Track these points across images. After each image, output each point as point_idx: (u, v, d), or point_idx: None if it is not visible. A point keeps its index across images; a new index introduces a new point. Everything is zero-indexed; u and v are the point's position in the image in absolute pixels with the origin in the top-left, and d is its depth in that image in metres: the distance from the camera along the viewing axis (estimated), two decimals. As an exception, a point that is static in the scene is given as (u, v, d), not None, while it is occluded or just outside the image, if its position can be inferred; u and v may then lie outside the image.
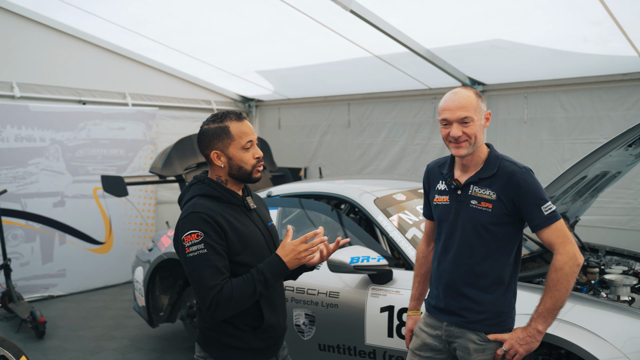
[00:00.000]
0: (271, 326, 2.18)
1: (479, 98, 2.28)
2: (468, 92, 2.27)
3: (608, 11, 4.25)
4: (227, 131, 2.11)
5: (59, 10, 6.32)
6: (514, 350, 2.22)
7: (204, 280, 1.97)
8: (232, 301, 1.97)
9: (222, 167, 2.13)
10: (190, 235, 2.00)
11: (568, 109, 5.91)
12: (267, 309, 2.16)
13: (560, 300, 2.17)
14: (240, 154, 2.11)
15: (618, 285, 3.42)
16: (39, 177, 6.43)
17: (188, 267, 2.01)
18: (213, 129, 2.12)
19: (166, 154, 5.38)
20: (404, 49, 5.45)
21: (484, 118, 2.29)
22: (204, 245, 1.99)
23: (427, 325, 2.46)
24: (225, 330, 2.11)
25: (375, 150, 7.60)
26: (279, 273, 2.06)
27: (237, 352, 2.12)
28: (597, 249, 4.37)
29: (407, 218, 3.67)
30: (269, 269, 2.05)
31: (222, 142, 2.11)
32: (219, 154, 2.12)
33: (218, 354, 2.13)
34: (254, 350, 2.14)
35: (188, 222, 2.03)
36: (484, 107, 2.29)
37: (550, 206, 2.20)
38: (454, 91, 2.31)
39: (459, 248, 2.32)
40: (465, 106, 2.23)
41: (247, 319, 2.12)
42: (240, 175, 2.14)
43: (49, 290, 6.57)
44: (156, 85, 7.82)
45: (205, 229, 2.00)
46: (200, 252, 1.98)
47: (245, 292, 1.99)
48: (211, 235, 2.01)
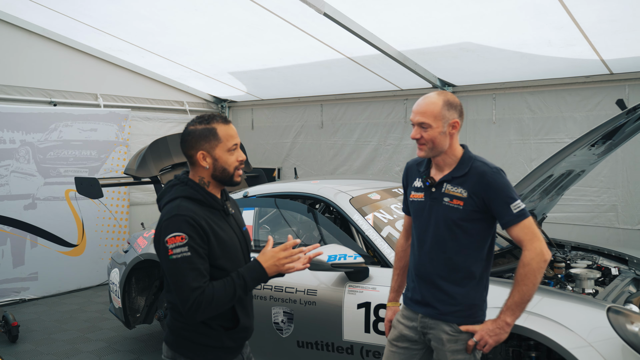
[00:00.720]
0: (245, 328, 2.24)
1: (446, 106, 2.36)
2: (435, 99, 2.37)
3: (571, 17, 4.43)
4: (214, 133, 2.15)
5: (28, 10, 6.25)
6: (484, 341, 2.33)
7: (187, 283, 2.00)
8: (212, 303, 2.02)
9: (207, 168, 2.16)
10: (175, 237, 2.02)
11: (535, 110, 6.11)
12: (241, 312, 2.21)
13: (528, 294, 2.28)
14: (225, 156, 2.16)
15: (583, 278, 3.58)
16: (9, 180, 6.35)
17: (170, 268, 2.04)
18: (200, 130, 2.16)
19: (141, 155, 5.37)
20: (376, 51, 5.56)
21: (449, 126, 2.37)
22: (188, 248, 2.02)
23: (404, 317, 2.57)
24: (200, 330, 2.16)
25: (348, 151, 7.71)
26: (258, 278, 2.11)
27: (209, 350, 2.17)
28: (563, 244, 4.54)
29: (382, 217, 3.78)
30: (249, 273, 2.10)
31: (209, 143, 2.15)
32: (205, 155, 2.15)
33: (190, 353, 2.17)
34: (226, 348, 2.21)
35: (172, 224, 2.05)
36: (450, 116, 2.36)
37: (519, 205, 2.31)
38: (425, 95, 2.42)
39: (433, 243, 2.43)
40: (424, 112, 2.36)
41: (221, 320, 2.17)
42: (223, 177, 2.19)
43: (21, 293, 6.49)
44: (128, 86, 7.78)
45: (189, 232, 2.04)
46: (184, 255, 2.02)
47: (225, 295, 2.04)
48: (195, 239, 2.04)
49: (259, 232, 4.35)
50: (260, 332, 3.72)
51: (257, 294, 3.74)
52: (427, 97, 2.40)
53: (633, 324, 2.70)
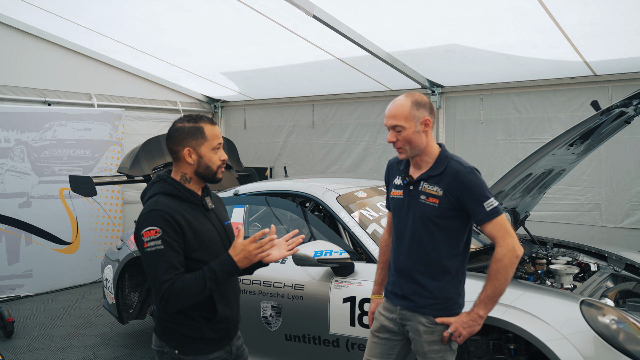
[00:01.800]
0: (224, 318, 2.31)
1: (414, 106, 2.47)
2: (403, 101, 2.49)
3: (553, 20, 4.55)
4: (202, 131, 2.26)
5: (22, 11, 6.33)
6: (458, 332, 2.45)
7: (158, 274, 2.11)
8: (182, 295, 2.11)
9: (191, 165, 2.27)
10: (150, 231, 2.13)
11: (521, 110, 6.24)
12: (221, 302, 2.29)
13: (500, 288, 2.40)
14: (210, 154, 2.27)
15: (562, 274, 3.71)
16: (4, 178, 6.43)
17: (145, 260, 2.16)
18: (188, 128, 2.27)
19: (134, 154, 5.46)
20: (365, 52, 5.67)
21: (421, 124, 2.48)
22: (162, 242, 2.12)
23: (385, 309, 2.69)
24: (180, 320, 2.25)
25: (339, 150, 7.82)
26: (228, 271, 2.18)
27: (191, 341, 2.26)
28: (545, 241, 4.67)
29: (367, 214, 3.89)
30: (219, 267, 2.17)
31: (195, 141, 2.26)
32: (191, 152, 2.26)
33: (173, 343, 2.27)
34: (207, 340, 2.28)
35: (148, 219, 2.16)
36: (420, 114, 2.47)
37: (492, 202, 2.42)
38: (393, 100, 2.54)
39: (410, 239, 2.54)
40: (395, 115, 2.48)
41: (200, 311, 2.26)
42: (206, 174, 2.29)
43: (16, 290, 6.58)
44: (122, 86, 7.87)
45: (164, 227, 2.14)
46: (158, 248, 2.12)
47: (195, 287, 2.12)
48: (169, 233, 2.14)
49: (249, 229, 4.45)
50: (249, 325, 3.84)
51: (246, 289, 3.85)
52: (396, 101, 2.51)
53: (605, 316, 2.82)
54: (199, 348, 2.27)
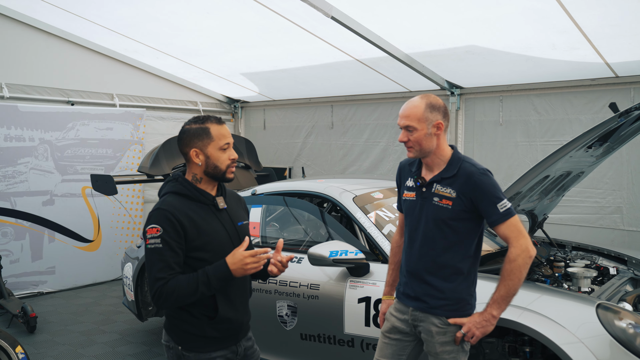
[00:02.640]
0: (227, 319, 2.31)
1: (428, 108, 2.48)
2: (417, 102, 2.50)
3: (573, 21, 4.51)
4: (207, 132, 2.29)
5: (48, 13, 6.47)
6: (471, 333, 2.46)
7: (153, 272, 2.16)
8: (173, 295, 2.14)
9: (200, 165, 2.30)
10: (152, 228, 2.19)
11: (541, 112, 6.18)
12: (223, 302, 2.30)
13: (513, 288, 2.40)
14: (217, 154, 2.30)
15: (580, 277, 3.67)
16: (28, 176, 6.57)
17: (146, 256, 2.22)
18: (194, 129, 2.30)
19: (154, 153, 5.55)
20: (384, 53, 5.68)
21: (434, 127, 2.49)
22: (161, 241, 2.16)
23: (396, 310, 2.70)
24: (184, 317, 2.29)
25: (357, 151, 7.83)
26: (222, 278, 2.17)
27: (192, 338, 2.29)
28: (564, 244, 4.62)
29: (384, 215, 3.90)
30: (213, 272, 2.17)
31: (202, 142, 2.29)
32: (198, 152, 2.29)
33: (177, 339, 2.30)
34: (208, 338, 2.30)
35: (153, 217, 2.22)
36: (433, 117, 2.48)
37: (506, 204, 2.42)
38: (409, 100, 2.55)
39: (423, 240, 2.55)
40: (408, 115, 2.49)
41: (202, 309, 2.28)
42: (215, 173, 2.32)
43: (39, 287, 6.71)
44: (144, 87, 7.98)
45: (165, 226, 2.18)
46: (156, 246, 2.17)
47: (187, 289, 2.15)
48: (169, 233, 2.17)
49: (266, 229, 4.49)
50: (265, 324, 3.88)
51: (262, 288, 3.89)
52: (411, 102, 2.53)
53: (621, 320, 2.79)
54: (200, 345, 2.29)
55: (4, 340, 3.44)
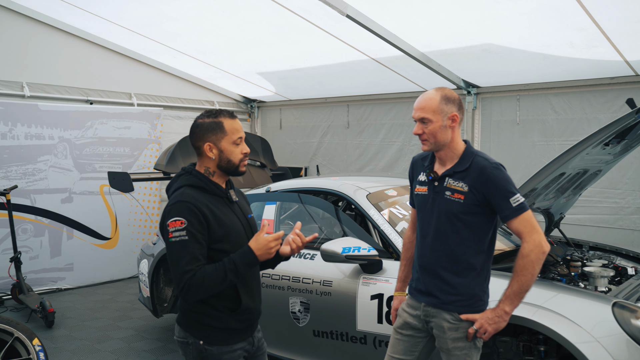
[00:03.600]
0: (248, 309, 2.34)
1: (444, 100, 2.47)
2: (432, 94, 2.50)
3: (591, 18, 4.45)
4: (221, 126, 2.30)
5: (67, 13, 6.56)
6: (484, 329, 2.43)
7: (181, 265, 2.15)
8: (202, 286, 2.14)
9: (213, 159, 2.31)
10: (175, 221, 2.17)
11: (559, 111, 6.11)
12: (244, 293, 2.33)
13: (526, 284, 2.37)
14: (231, 148, 2.31)
15: (596, 276, 3.62)
16: (47, 174, 6.67)
17: (169, 250, 2.20)
18: (208, 123, 2.31)
19: (170, 151, 5.60)
20: (400, 52, 5.66)
21: (449, 119, 2.48)
22: (186, 233, 2.16)
23: (409, 305, 2.68)
24: (206, 311, 2.29)
25: (373, 151, 7.81)
26: (249, 263, 2.20)
27: (215, 332, 2.30)
28: (581, 244, 4.57)
29: (397, 212, 3.89)
30: (240, 258, 2.19)
31: (215, 136, 2.30)
32: (212, 146, 2.30)
33: (198, 333, 2.31)
34: (231, 330, 2.32)
35: (175, 209, 2.21)
36: (448, 109, 2.48)
37: (518, 198, 2.40)
38: (424, 92, 2.56)
39: (435, 235, 2.54)
40: (423, 107, 2.49)
41: (225, 302, 2.30)
42: (228, 167, 2.33)
43: (57, 283, 6.81)
44: (161, 86, 8.06)
45: (189, 218, 2.17)
46: (182, 239, 2.16)
47: (216, 278, 2.16)
48: (194, 224, 2.18)
49: (281, 227, 4.50)
50: (278, 321, 3.89)
51: (276, 284, 3.90)
52: (426, 94, 2.53)
53: (638, 319, 2.75)
54: (223, 338, 2.31)
55: (22, 332, 3.50)
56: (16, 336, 3.46)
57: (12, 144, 6.36)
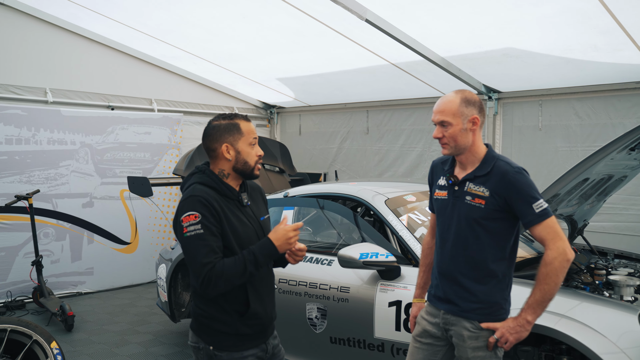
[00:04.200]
0: (256, 314, 2.31)
1: (464, 103, 2.42)
2: (452, 97, 2.45)
3: (616, 21, 4.36)
4: (238, 127, 2.32)
5: (90, 20, 6.65)
6: (505, 339, 2.36)
7: (199, 258, 2.14)
8: (222, 278, 2.13)
9: (230, 160, 2.31)
10: (189, 216, 2.17)
11: (582, 116, 6.00)
12: (253, 296, 2.31)
13: (549, 293, 2.30)
14: (247, 149, 2.32)
15: (622, 285, 3.51)
16: (69, 179, 6.74)
17: (185, 245, 2.19)
18: (225, 125, 2.32)
19: (189, 156, 5.62)
20: (420, 57, 5.61)
21: (469, 122, 2.42)
22: (201, 226, 2.16)
23: (428, 313, 2.63)
24: (215, 316, 2.28)
25: (393, 157, 7.76)
26: (269, 254, 2.21)
27: (226, 337, 2.28)
28: (605, 252, 4.46)
29: (416, 218, 3.84)
30: (259, 250, 2.21)
31: (232, 137, 2.31)
32: (229, 147, 2.31)
33: (209, 338, 2.29)
34: (241, 335, 2.30)
35: (187, 204, 2.21)
36: (468, 112, 2.42)
37: (542, 204, 2.33)
38: (443, 95, 2.50)
39: (455, 241, 2.48)
40: (443, 110, 2.44)
41: (234, 304, 2.28)
42: (244, 169, 2.33)
43: (78, 287, 6.86)
44: (181, 92, 8.12)
45: (202, 211, 2.17)
46: (197, 232, 2.15)
47: (235, 269, 2.15)
48: (208, 217, 2.17)
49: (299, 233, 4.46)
50: (295, 327, 3.85)
51: (292, 290, 3.87)
52: (445, 97, 2.48)
53: (666, 330, 2.66)
54: (233, 344, 2.29)
55: (40, 335, 3.51)
56: (34, 339, 3.47)
57: (35, 149, 6.45)
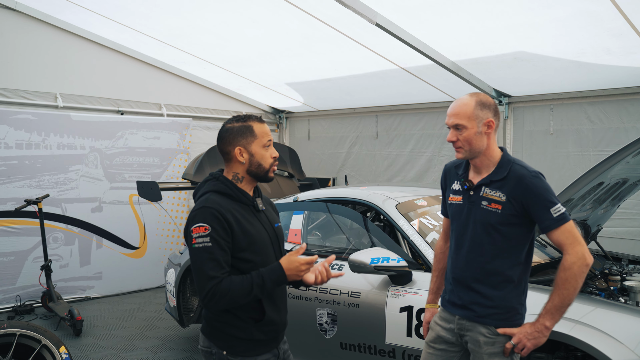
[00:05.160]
0: (272, 321, 2.29)
1: (479, 106, 2.38)
2: (467, 100, 2.41)
3: (630, 24, 4.31)
4: (251, 130, 2.28)
5: (100, 26, 6.67)
6: (522, 344, 2.32)
7: (205, 271, 2.11)
8: (227, 296, 2.10)
9: (243, 164, 2.28)
10: (199, 227, 2.14)
11: (594, 120, 5.94)
12: (269, 305, 2.28)
13: (568, 298, 2.26)
14: (261, 151, 2.28)
15: (637, 291, 3.46)
16: (78, 183, 6.75)
17: (192, 256, 2.17)
18: (238, 127, 2.28)
19: (198, 161, 5.60)
20: (429, 61, 5.57)
21: (484, 125, 2.39)
22: (210, 239, 2.12)
23: (441, 319, 2.59)
24: (229, 321, 2.24)
25: (402, 161, 7.72)
26: (277, 281, 2.16)
27: (239, 342, 2.25)
28: (620, 257, 4.40)
29: (427, 222, 3.79)
30: (269, 275, 2.15)
31: (246, 139, 2.27)
32: (242, 150, 2.27)
33: (222, 343, 2.26)
34: (255, 341, 2.27)
35: (199, 215, 2.17)
36: (483, 115, 2.38)
37: (559, 208, 2.29)
38: (458, 98, 2.46)
39: (470, 246, 2.44)
40: (457, 114, 2.40)
41: (249, 312, 2.25)
42: (258, 172, 2.30)
43: (86, 291, 6.86)
44: (190, 97, 8.13)
45: (213, 224, 2.14)
46: (205, 245, 2.12)
47: (241, 290, 2.11)
48: (218, 231, 2.14)
49: (308, 238, 4.44)
50: (305, 332, 3.81)
51: (303, 295, 3.83)
52: (460, 99, 2.44)
53: (684, 337, 2.60)
54: (247, 349, 2.26)
55: (49, 340, 3.50)
56: (43, 343, 3.46)
57: (45, 154, 6.47)
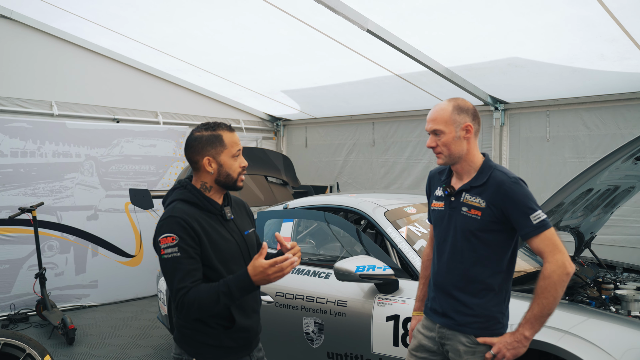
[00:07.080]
0: (243, 328, 2.26)
1: (456, 110, 2.36)
2: (444, 105, 2.39)
3: (623, 29, 4.27)
4: (220, 139, 2.23)
5: (95, 34, 6.68)
6: (502, 354, 2.27)
7: (174, 282, 2.08)
8: (194, 305, 2.06)
9: (212, 173, 2.23)
10: (167, 237, 2.11)
11: (591, 126, 5.89)
12: (237, 312, 2.23)
13: (548, 307, 2.21)
14: (230, 161, 2.24)
15: (629, 300, 3.40)
16: (74, 191, 6.74)
17: (162, 267, 2.14)
18: (207, 136, 2.23)
19: (191, 168, 5.58)
20: (423, 67, 5.55)
21: (462, 130, 2.36)
22: (178, 249, 2.10)
23: (424, 327, 2.55)
24: (199, 328, 2.21)
25: (399, 169, 7.68)
26: (244, 287, 2.09)
27: (209, 349, 2.22)
28: (614, 265, 4.33)
29: (416, 230, 3.75)
30: (235, 283, 2.09)
31: (215, 149, 2.22)
32: (211, 160, 2.22)
33: (192, 350, 2.22)
34: (225, 348, 2.23)
35: (165, 225, 2.14)
36: (461, 119, 2.36)
37: (540, 215, 2.25)
38: (436, 104, 2.45)
39: (451, 253, 2.41)
40: (435, 119, 2.38)
41: (219, 320, 2.21)
42: (227, 182, 2.25)
43: (82, 300, 6.83)
44: (186, 105, 8.13)
45: (180, 234, 2.11)
46: (174, 255, 2.09)
47: (208, 299, 2.06)
48: (185, 240, 2.11)
49: (297, 245, 4.38)
50: (292, 341, 3.77)
51: (289, 304, 3.79)
52: (438, 105, 2.43)
53: (674, 347, 2.54)
54: (217, 356, 2.23)
55: (34, 349, 3.47)
56: (28, 352, 3.42)
57: (40, 162, 6.46)
